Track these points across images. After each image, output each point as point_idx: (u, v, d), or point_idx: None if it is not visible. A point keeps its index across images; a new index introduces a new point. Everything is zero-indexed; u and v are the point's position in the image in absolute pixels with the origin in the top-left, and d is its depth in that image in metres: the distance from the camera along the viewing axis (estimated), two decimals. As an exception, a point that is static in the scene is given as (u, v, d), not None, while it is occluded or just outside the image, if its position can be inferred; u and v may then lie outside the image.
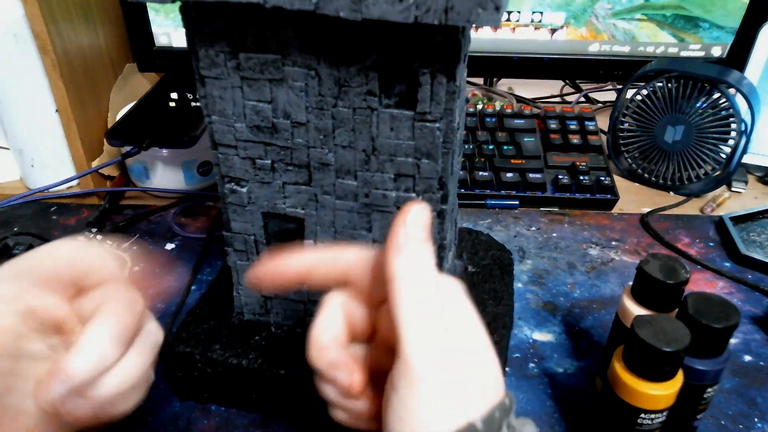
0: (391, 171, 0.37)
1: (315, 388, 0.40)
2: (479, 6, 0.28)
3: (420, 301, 0.28)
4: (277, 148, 0.38)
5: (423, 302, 0.28)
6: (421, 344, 0.27)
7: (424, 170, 0.36)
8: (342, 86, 0.35)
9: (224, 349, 0.43)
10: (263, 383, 0.42)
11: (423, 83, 0.33)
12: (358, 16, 0.29)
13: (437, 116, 0.34)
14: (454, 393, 0.27)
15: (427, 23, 0.29)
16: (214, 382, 0.43)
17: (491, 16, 0.28)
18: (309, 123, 0.36)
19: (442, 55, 0.32)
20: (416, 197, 0.37)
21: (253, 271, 0.32)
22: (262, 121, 0.37)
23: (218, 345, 0.43)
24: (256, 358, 0.42)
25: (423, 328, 0.27)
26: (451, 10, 0.28)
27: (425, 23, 0.29)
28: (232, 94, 0.37)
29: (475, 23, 0.28)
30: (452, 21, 0.29)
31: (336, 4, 0.29)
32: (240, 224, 0.42)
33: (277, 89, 0.36)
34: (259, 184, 0.40)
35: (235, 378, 0.43)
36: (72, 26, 0.63)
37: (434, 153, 0.36)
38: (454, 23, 0.29)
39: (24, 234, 0.61)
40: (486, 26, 0.28)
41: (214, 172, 0.40)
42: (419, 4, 0.28)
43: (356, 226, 0.39)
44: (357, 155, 0.37)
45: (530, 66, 0.75)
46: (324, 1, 0.29)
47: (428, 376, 0.27)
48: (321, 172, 0.38)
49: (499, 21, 0.28)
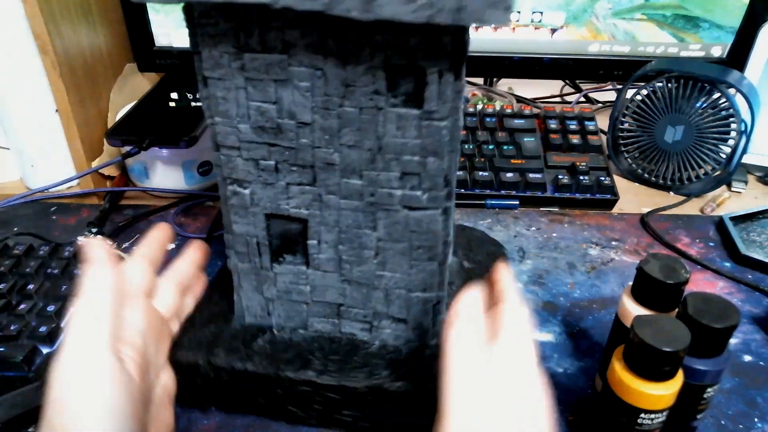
0: (397, 169, 0.37)
1: (321, 390, 0.40)
2: (490, 5, 0.28)
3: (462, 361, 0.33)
4: (281, 149, 0.38)
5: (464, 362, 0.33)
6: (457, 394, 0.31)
7: (431, 168, 0.36)
8: (348, 86, 0.34)
9: (228, 354, 0.42)
10: (270, 387, 0.41)
11: (430, 82, 0.33)
12: (370, 17, 0.29)
13: (444, 114, 0.34)
14: None
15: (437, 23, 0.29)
16: (219, 388, 0.42)
17: (502, 15, 0.28)
18: (314, 123, 0.36)
19: (450, 54, 0.32)
20: (422, 195, 0.37)
21: None
22: (266, 122, 0.37)
23: (222, 350, 0.42)
24: (261, 361, 0.41)
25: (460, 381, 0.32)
26: (462, 9, 0.28)
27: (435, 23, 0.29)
28: (236, 95, 0.36)
29: (486, 23, 0.29)
30: (463, 21, 0.29)
31: (347, 4, 0.29)
32: (242, 226, 0.41)
33: (282, 89, 0.36)
34: (262, 186, 0.39)
35: (241, 383, 0.42)
36: (72, 26, 0.63)
37: (440, 151, 0.36)
38: (465, 23, 0.29)
39: (24, 234, 0.61)
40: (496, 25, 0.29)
41: (215, 173, 0.40)
42: (431, 3, 0.28)
43: (361, 225, 0.39)
44: (363, 154, 0.37)
45: (530, 66, 0.75)
46: (335, 2, 0.29)
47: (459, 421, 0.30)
48: (326, 172, 0.38)
49: (509, 20, 0.28)
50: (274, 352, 0.42)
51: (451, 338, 0.34)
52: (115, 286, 0.36)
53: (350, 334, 0.44)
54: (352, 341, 0.43)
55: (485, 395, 0.31)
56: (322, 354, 0.42)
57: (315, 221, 0.40)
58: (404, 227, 0.39)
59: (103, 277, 0.36)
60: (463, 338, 0.34)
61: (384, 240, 0.39)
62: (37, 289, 0.51)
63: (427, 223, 0.38)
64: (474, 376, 0.32)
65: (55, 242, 0.56)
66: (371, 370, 0.41)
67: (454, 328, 0.34)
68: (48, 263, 0.54)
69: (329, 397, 0.40)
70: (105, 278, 0.36)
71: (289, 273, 0.42)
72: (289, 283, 0.43)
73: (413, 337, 0.43)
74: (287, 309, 0.44)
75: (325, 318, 0.44)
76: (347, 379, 0.40)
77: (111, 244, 0.60)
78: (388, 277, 0.41)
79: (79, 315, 0.34)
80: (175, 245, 0.62)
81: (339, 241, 0.40)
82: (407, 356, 0.42)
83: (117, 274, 0.37)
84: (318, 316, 0.44)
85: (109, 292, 0.35)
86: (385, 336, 0.43)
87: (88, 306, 0.34)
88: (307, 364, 0.41)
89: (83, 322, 0.33)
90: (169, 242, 0.45)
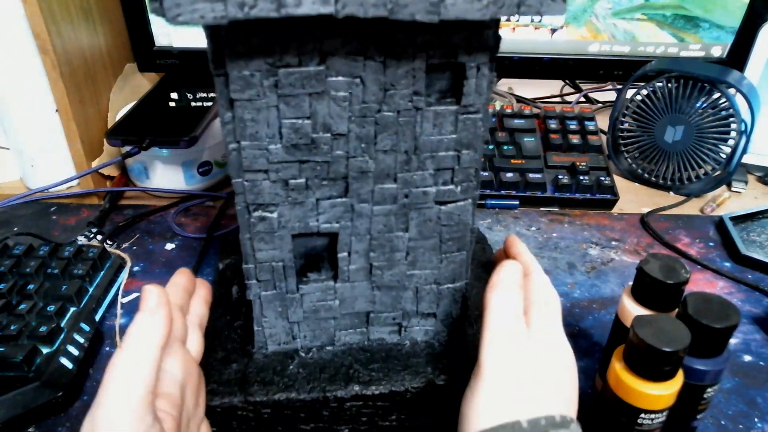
0: (432, 167, 0.37)
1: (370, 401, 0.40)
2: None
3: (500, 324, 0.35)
4: (313, 164, 0.35)
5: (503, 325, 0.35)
6: (493, 354, 0.34)
7: (464, 161, 0.36)
8: (387, 90, 0.34)
9: (265, 387, 0.39)
10: (316, 411, 0.40)
11: (470, 77, 0.34)
12: (435, 18, 0.29)
13: (480, 107, 0.35)
14: (511, 395, 0.32)
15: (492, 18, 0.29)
16: (258, 426, 0.40)
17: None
18: (350, 133, 0.35)
19: (490, 48, 0.33)
20: (455, 188, 0.37)
21: None
22: (300, 139, 0.34)
23: (255, 385, 0.39)
24: (303, 386, 0.39)
25: (498, 342, 0.34)
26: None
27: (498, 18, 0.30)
28: (267, 115, 0.33)
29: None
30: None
31: (412, 8, 0.28)
32: (267, 253, 0.38)
33: (317, 103, 0.33)
34: (290, 206, 0.37)
35: (284, 414, 0.40)
36: (72, 26, 0.63)
37: (475, 143, 0.36)
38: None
39: (24, 234, 0.61)
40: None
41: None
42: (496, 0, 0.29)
43: (392, 229, 0.38)
44: (398, 157, 0.36)
45: (530, 66, 0.75)
46: (399, 6, 0.28)
47: (492, 376, 0.33)
48: (359, 181, 0.36)
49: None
50: (311, 375, 0.40)
51: (492, 303, 0.36)
52: (162, 341, 0.33)
53: (379, 339, 0.43)
54: (383, 346, 0.42)
55: (518, 359, 0.34)
56: (360, 365, 0.41)
57: (345, 233, 0.38)
58: (436, 223, 0.38)
59: (153, 329, 0.33)
60: (503, 305, 0.36)
61: (415, 239, 0.39)
62: (37, 289, 0.51)
63: (458, 215, 0.38)
64: (509, 341, 0.34)
65: (55, 242, 0.56)
66: (415, 369, 0.40)
67: (494, 294, 0.37)
68: (48, 263, 0.54)
69: (378, 405, 0.40)
70: (155, 331, 0.33)
71: (316, 291, 0.40)
72: (317, 302, 0.41)
73: (442, 329, 0.43)
74: (313, 328, 0.42)
75: (353, 329, 0.42)
76: (396, 384, 0.39)
77: (111, 243, 0.60)
78: (419, 275, 0.40)
79: (121, 367, 0.32)
80: (175, 245, 0.62)
81: (370, 249, 0.39)
82: (443, 349, 0.42)
83: (167, 327, 0.34)
84: (345, 329, 0.42)
85: (156, 347, 0.33)
86: (414, 333, 0.43)
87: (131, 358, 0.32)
88: (350, 378, 0.40)
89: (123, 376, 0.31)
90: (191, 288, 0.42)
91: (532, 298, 0.37)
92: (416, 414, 0.41)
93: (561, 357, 0.35)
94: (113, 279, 0.56)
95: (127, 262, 0.58)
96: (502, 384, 0.33)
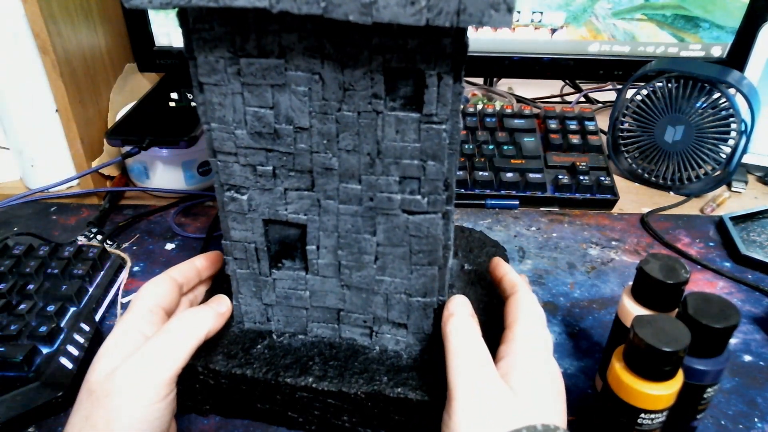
0: (396, 174, 0.36)
1: (320, 396, 0.40)
2: (492, 7, 0.27)
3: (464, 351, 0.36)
4: (279, 154, 0.37)
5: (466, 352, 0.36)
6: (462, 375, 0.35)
7: (430, 172, 0.36)
8: (346, 90, 0.34)
9: (227, 359, 0.42)
10: (269, 392, 0.41)
11: (430, 85, 0.33)
12: (369, 20, 0.29)
13: (444, 118, 0.34)
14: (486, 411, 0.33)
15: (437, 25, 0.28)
16: (217, 393, 0.42)
17: (504, 17, 0.28)
18: (312, 128, 0.36)
19: (449, 56, 0.32)
20: (422, 199, 0.37)
21: None
22: (263, 128, 0.36)
23: (220, 355, 0.42)
24: (261, 367, 0.41)
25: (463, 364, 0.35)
26: (463, 12, 0.28)
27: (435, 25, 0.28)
28: (233, 101, 0.36)
29: (487, 24, 0.28)
30: (464, 23, 0.28)
31: (345, 8, 0.29)
32: (240, 232, 0.41)
33: (279, 94, 0.35)
34: (259, 191, 0.39)
35: (239, 388, 0.42)
36: (72, 26, 0.63)
37: (440, 155, 0.35)
38: (466, 25, 0.28)
39: (24, 234, 0.61)
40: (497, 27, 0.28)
41: (213, 179, 0.40)
42: (431, 6, 0.28)
43: (360, 230, 0.39)
44: (362, 159, 0.36)
45: (530, 66, 0.75)
46: (332, 5, 0.29)
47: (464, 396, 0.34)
48: (324, 177, 0.38)
49: (511, 22, 0.28)
50: (273, 358, 0.42)
51: (452, 327, 0.37)
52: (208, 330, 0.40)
53: (350, 339, 0.43)
54: (352, 347, 0.43)
55: (487, 375, 0.34)
56: (322, 360, 0.42)
57: (314, 226, 0.40)
58: (404, 232, 0.38)
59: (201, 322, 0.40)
60: (463, 327, 0.37)
61: (383, 245, 0.39)
62: (37, 289, 0.51)
63: (427, 228, 0.38)
64: (477, 361, 0.35)
65: (54, 242, 0.56)
66: (371, 375, 0.40)
67: (453, 319, 0.38)
68: (48, 263, 0.54)
69: (329, 402, 0.40)
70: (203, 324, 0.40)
71: (288, 278, 0.42)
72: (288, 289, 0.42)
73: (413, 342, 0.42)
74: (287, 314, 0.43)
75: (325, 323, 0.43)
76: (346, 385, 0.40)
77: (110, 243, 0.60)
78: (388, 282, 0.40)
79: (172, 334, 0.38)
80: (175, 245, 0.62)
81: (338, 246, 0.40)
82: (407, 362, 0.42)
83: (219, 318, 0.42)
84: (318, 321, 0.43)
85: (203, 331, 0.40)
86: (385, 341, 0.43)
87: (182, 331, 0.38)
88: (306, 369, 0.41)
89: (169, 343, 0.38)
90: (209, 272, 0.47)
91: (517, 314, 0.38)
92: (370, 422, 0.41)
93: (542, 369, 0.35)
94: (113, 279, 0.56)
95: (127, 262, 0.58)
96: (475, 402, 0.33)
